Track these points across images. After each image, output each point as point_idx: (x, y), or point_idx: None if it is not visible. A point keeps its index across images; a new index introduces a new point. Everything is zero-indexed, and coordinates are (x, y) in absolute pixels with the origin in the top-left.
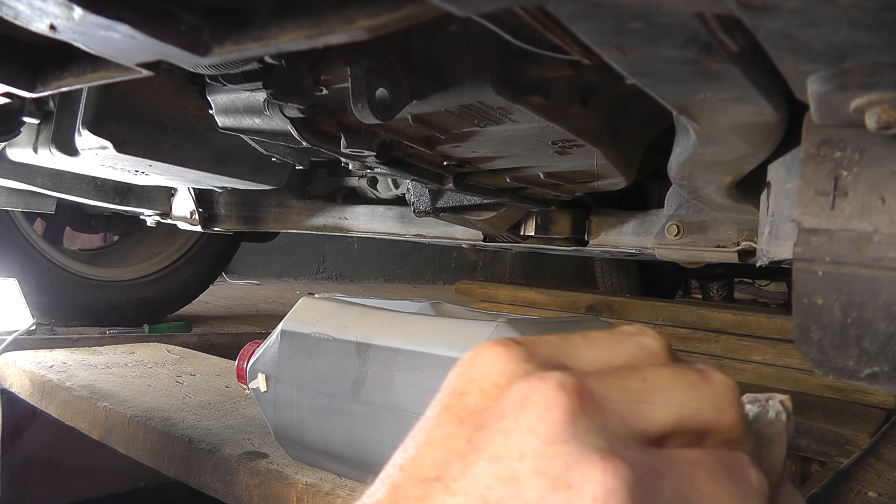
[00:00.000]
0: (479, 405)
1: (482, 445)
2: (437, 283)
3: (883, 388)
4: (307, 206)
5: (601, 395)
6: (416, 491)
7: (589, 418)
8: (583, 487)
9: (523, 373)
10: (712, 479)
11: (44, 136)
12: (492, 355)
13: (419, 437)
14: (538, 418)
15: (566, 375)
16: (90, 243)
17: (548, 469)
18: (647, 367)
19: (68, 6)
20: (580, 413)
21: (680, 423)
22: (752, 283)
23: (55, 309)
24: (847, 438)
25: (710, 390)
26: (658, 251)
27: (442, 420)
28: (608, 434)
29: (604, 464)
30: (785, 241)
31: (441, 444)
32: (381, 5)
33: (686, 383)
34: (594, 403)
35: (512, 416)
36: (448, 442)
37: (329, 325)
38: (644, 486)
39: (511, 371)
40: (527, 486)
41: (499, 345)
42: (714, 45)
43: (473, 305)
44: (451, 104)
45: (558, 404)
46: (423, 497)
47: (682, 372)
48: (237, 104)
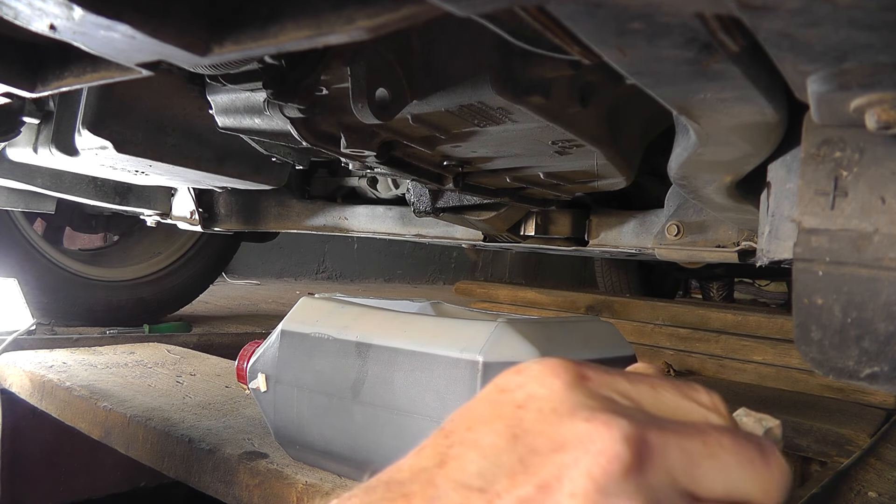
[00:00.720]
0: (535, 427)
1: (534, 471)
2: (437, 283)
3: (883, 388)
4: (307, 206)
5: (660, 453)
6: (457, 496)
7: (642, 476)
8: None
9: (588, 409)
10: None
11: (44, 136)
12: (554, 376)
13: (464, 437)
14: (597, 465)
15: (632, 427)
16: (90, 243)
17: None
18: (710, 430)
19: (68, 6)
20: (635, 471)
21: (728, 496)
22: (752, 283)
23: (55, 309)
24: (847, 438)
25: (766, 473)
26: (658, 251)
27: (493, 428)
28: (657, 494)
29: None
30: (785, 241)
31: (490, 454)
32: (381, 5)
33: (745, 459)
34: (652, 461)
35: (572, 452)
36: (498, 455)
37: (329, 325)
38: None
39: (574, 402)
40: None
41: (562, 367)
42: (714, 45)
43: (473, 305)
44: (451, 104)
45: (619, 457)
46: (463, 502)
47: (744, 446)
48: (237, 104)
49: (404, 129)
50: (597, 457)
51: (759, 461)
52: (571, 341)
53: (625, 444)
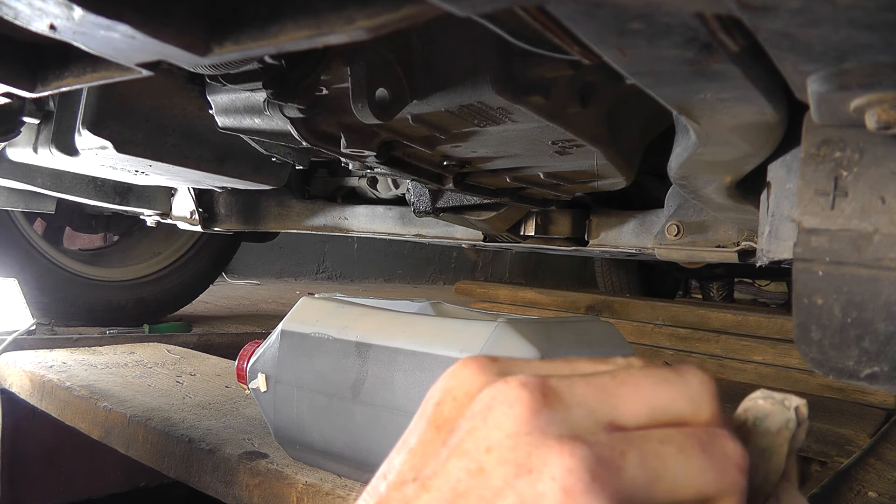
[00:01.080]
0: (452, 412)
1: (454, 445)
2: (437, 283)
3: (883, 388)
4: (307, 206)
5: (566, 392)
6: (397, 494)
7: (552, 411)
8: (542, 470)
9: (493, 381)
10: (682, 452)
11: (44, 136)
12: (467, 370)
13: (401, 448)
14: (503, 415)
15: (529, 376)
16: (90, 243)
17: (511, 458)
18: (618, 370)
19: (68, 6)
20: (543, 407)
21: (654, 417)
22: (752, 283)
23: (55, 309)
24: (847, 438)
25: (684, 385)
26: (658, 251)
27: (420, 429)
28: (571, 423)
29: (561, 447)
30: (785, 241)
31: (419, 449)
32: (381, 5)
33: (658, 379)
34: (558, 398)
35: (480, 416)
36: (425, 447)
37: (329, 325)
38: (606, 462)
39: (483, 382)
40: (492, 475)
41: (475, 360)
42: (714, 45)
43: (473, 305)
44: (451, 104)
45: (521, 401)
46: (402, 499)
47: (654, 370)
48: (237, 104)
49: (404, 129)
50: (500, 408)
51: (672, 377)
52: (571, 341)
53: (524, 389)
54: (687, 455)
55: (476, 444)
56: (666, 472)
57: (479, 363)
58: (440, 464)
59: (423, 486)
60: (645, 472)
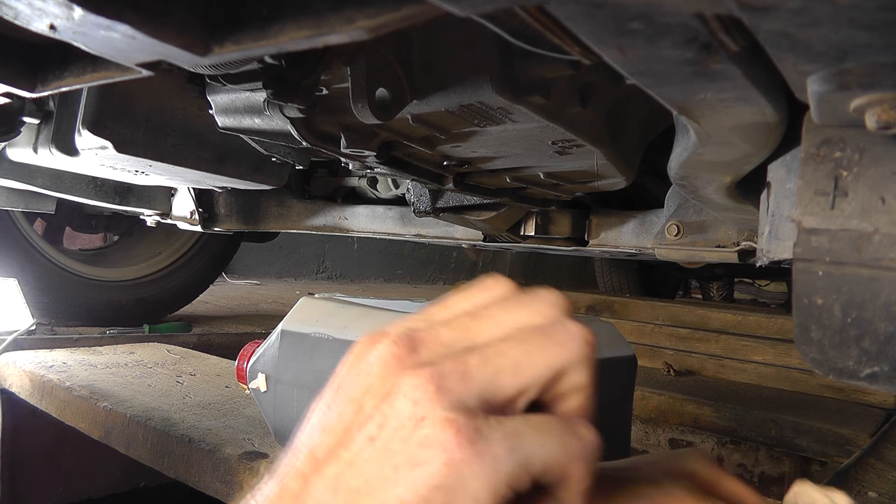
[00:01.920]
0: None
1: (343, 395)
2: (437, 283)
3: (883, 388)
4: (307, 206)
5: (430, 339)
6: (305, 440)
7: (415, 354)
8: (398, 391)
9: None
10: (522, 343)
11: (44, 136)
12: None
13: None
14: (376, 364)
15: (399, 333)
16: (90, 243)
17: (379, 391)
18: (479, 308)
19: (68, 6)
20: (408, 353)
21: (506, 334)
22: (752, 283)
23: (55, 309)
24: (847, 438)
25: (534, 302)
26: (658, 251)
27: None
28: (429, 358)
29: (413, 371)
30: (785, 241)
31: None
32: (381, 5)
33: (513, 304)
34: (423, 345)
35: (363, 368)
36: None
37: (329, 325)
38: (450, 374)
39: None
40: (365, 406)
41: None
42: (714, 45)
43: None
44: (451, 104)
45: (391, 351)
46: (308, 441)
47: (512, 299)
48: (237, 104)
49: (404, 129)
50: (379, 358)
51: (526, 299)
52: None
53: (394, 344)
54: (527, 343)
55: (356, 390)
56: (507, 361)
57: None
58: (335, 411)
59: (321, 428)
60: (488, 369)
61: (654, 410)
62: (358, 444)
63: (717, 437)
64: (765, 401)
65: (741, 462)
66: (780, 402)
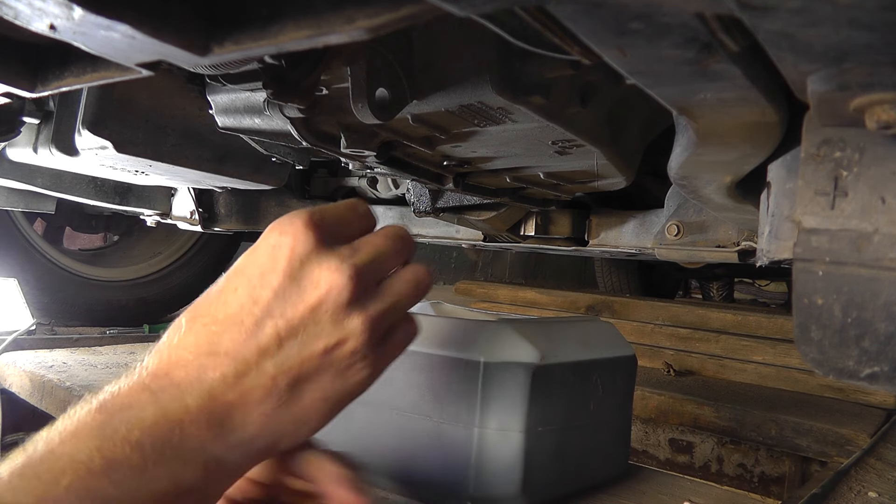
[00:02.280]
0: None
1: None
2: (437, 283)
3: (883, 388)
4: (307, 206)
5: (319, 215)
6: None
7: (317, 230)
8: (286, 235)
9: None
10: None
11: (44, 136)
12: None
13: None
14: (279, 235)
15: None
16: (90, 243)
17: (272, 243)
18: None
19: (68, 6)
20: (310, 228)
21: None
22: (752, 283)
23: (55, 309)
24: (847, 438)
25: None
26: (658, 251)
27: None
28: (324, 238)
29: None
30: (785, 241)
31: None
32: (381, 5)
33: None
34: (319, 226)
35: (269, 241)
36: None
37: None
38: (316, 222)
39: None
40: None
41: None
42: (714, 45)
43: (473, 305)
44: (451, 104)
45: (297, 234)
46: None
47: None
48: (237, 104)
49: (404, 129)
50: (289, 240)
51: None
52: (571, 341)
53: (298, 230)
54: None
55: (258, 252)
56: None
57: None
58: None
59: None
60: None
61: (654, 410)
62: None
63: (717, 437)
64: (765, 401)
65: (741, 462)
66: (780, 402)
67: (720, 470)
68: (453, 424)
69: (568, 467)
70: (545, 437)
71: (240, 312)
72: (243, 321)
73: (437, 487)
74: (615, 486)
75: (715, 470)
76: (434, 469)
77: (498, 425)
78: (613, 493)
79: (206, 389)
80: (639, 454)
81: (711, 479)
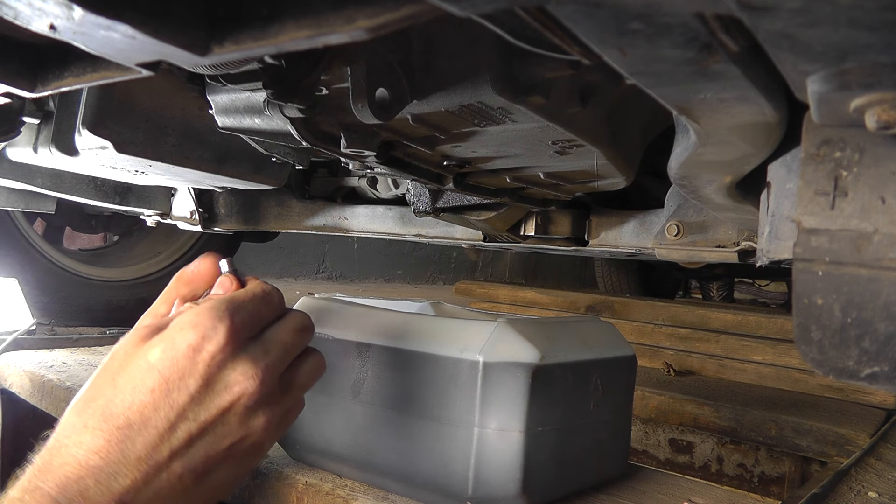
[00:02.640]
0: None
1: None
2: (437, 283)
3: (883, 388)
4: (307, 206)
5: (235, 307)
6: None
7: (231, 318)
8: (200, 327)
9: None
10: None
11: (44, 136)
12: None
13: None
14: (193, 334)
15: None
16: (90, 243)
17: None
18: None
19: (68, 6)
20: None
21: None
22: (752, 283)
23: (55, 309)
24: (847, 438)
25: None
26: (658, 251)
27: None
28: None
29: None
30: (785, 241)
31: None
32: (381, 5)
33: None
34: (232, 314)
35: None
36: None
37: (329, 325)
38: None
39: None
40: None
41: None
42: (714, 45)
43: (473, 305)
44: (451, 104)
45: (213, 330)
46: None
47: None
48: (237, 104)
49: (404, 129)
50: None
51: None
52: (571, 341)
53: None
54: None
55: (175, 348)
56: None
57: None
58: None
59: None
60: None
61: (654, 410)
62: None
63: (717, 437)
64: (765, 401)
65: (741, 462)
66: (780, 402)
67: (720, 470)
68: (453, 424)
69: (568, 467)
70: (545, 437)
71: (154, 416)
72: (157, 426)
73: (437, 487)
74: (615, 486)
75: (715, 470)
76: (434, 469)
77: (498, 425)
78: (613, 493)
79: (116, 497)
80: (639, 454)
81: (711, 479)
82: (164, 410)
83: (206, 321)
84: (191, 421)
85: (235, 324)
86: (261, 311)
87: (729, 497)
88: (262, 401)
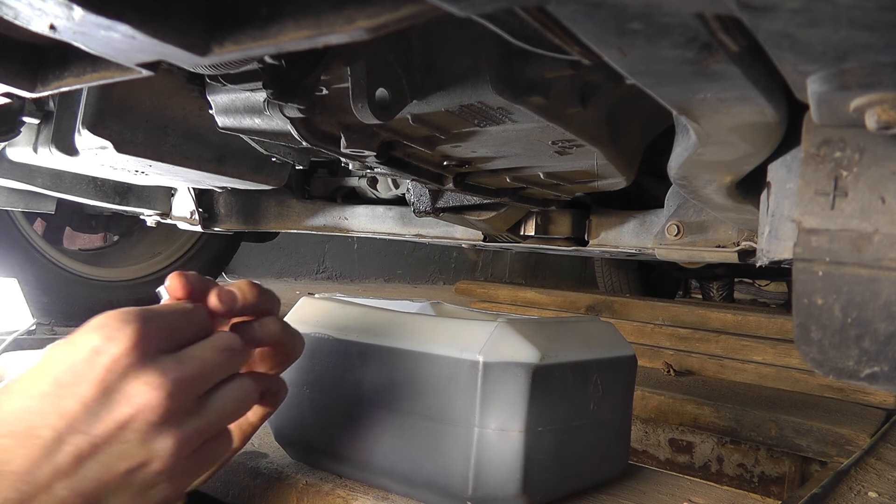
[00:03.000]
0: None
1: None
2: (437, 283)
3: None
4: (307, 206)
5: (145, 320)
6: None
7: (142, 325)
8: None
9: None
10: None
11: (44, 136)
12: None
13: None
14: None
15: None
16: (90, 243)
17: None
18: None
19: (68, 6)
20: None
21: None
22: (752, 283)
23: (55, 309)
24: (847, 438)
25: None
26: (658, 251)
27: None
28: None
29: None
30: (785, 241)
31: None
32: (381, 5)
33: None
34: (144, 323)
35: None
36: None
37: (329, 325)
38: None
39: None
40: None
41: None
42: (714, 45)
43: (473, 305)
44: (451, 104)
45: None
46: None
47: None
48: (237, 104)
49: (404, 129)
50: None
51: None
52: (571, 341)
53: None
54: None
55: (75, 350)
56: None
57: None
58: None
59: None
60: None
61: (654, 410)
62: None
63: (717, 437)
64: (765, 401)
65: (741, 462)
66: (780, 402)
67: (720, 470)
68: (453, 424)
69: (568, 467)
70: (545, 437)
71: (40, 424)
72: (42, 436)
73: (437, 487)
74: (615, 486)
75: (715, 470)
76: (434, 469)
77: (498, 425)
78: (613, 493)
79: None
80: (639, 454)
81: (711, 479)
82: (51, 418)
83: (113, 323)
84: (81, 434)
85: (145, 329)
86: (180, 324)
87: (729, 497)
88: (170, 419)
